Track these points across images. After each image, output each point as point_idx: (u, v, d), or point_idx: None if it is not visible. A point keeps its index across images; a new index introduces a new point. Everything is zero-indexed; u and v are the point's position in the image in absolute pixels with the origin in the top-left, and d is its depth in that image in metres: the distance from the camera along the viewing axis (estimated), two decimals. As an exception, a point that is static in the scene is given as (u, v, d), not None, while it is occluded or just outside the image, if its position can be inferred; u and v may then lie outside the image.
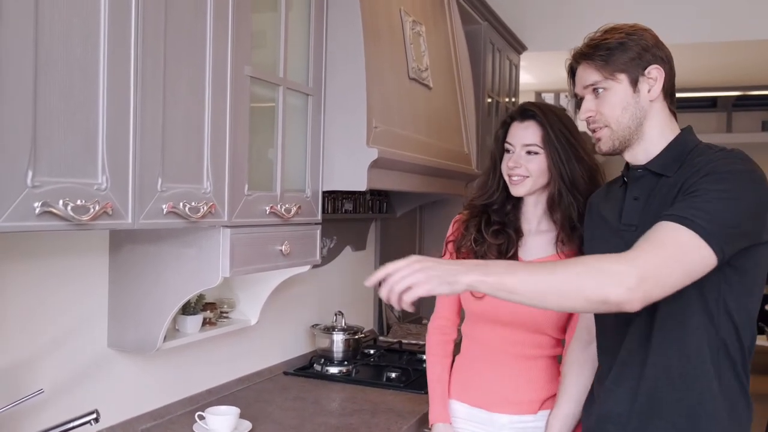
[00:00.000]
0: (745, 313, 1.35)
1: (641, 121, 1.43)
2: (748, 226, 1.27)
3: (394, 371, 2.52)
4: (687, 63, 5.91)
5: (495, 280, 1.24)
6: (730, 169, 1.29)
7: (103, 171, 1.28)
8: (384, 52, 2.23)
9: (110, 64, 1.28)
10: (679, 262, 1.24)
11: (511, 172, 1.78)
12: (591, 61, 1.44)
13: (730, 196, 1.25)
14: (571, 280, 1.24)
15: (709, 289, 1.32)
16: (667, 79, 1.43)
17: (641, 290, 1.21)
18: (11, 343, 1.54)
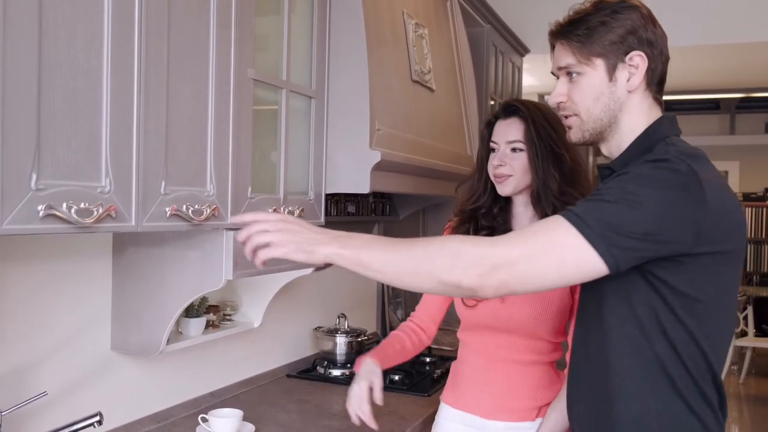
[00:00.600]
0: (687, 335, 1.17)
1: (615, 114, 1.28)
2: (655, 235, 1.11)
3: (398, 374, 2.52)
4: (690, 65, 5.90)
5: (352, 254, 1.19)
6: (649, 174, 1.14)
7: (106, 174, 1.28)
8: (387, 54, 2.23)
9: (114, 68, 1.28)
10: (548, 259, 1.13)
11: (496, 171, 1.74)
12: (567, 41, 1.28)
13: (635, 200, 1.11)
14: (427, 260, 1.16)
15: (637, 301, 1.19)
16: (652, 66, 1.27)
17: (494, 278, 1.13)
18: (15, 346, 1.55)
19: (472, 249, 1.15)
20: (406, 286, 1.21)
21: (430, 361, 2.76)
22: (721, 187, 1.17)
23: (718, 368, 1.21)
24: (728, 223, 1.16)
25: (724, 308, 1.20)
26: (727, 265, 1.18)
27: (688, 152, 1.18)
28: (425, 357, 2.82)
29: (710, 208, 1.12)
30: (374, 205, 3.04)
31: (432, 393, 2.34)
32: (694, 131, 9.16)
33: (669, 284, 1.16)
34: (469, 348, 1.83)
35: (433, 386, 2.41)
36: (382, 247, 1.20)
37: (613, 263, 1.11)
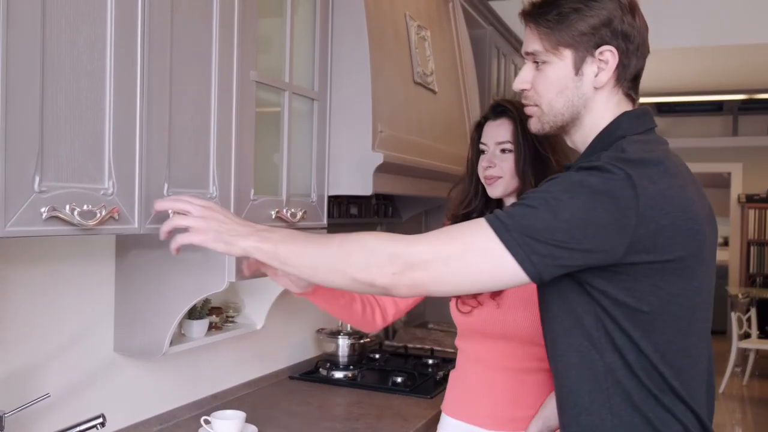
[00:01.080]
0: (634, 346, 1.11)
1: (579, 110, 1.20)
2: (576, 243, 1.04)
3: (400, 375, 2.52)
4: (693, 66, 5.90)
5: (270, 248, 1.16)
6: (577, 180, 1.07)
7: (109, 176, 1.28)
8: (389, 56, 2.23)
9: (117, 70, 1.28)
10: (463, 262, 1.09)
11: (486, 173, 1.70)
12: (536, 25, 1.19)
13: (556, 206, 1.05)
14: (342, 256, 1.13)
15: (584, 311, 1.14)
16: (625, 61, 1.18)
17: (408, 278, 1.09)
18: (18, 348, 1.55)
19: (387, 247, 1.12)
20: (321, 283, 1.18)
21: (432, 363, 2.76)
22: (669, 193, 1.07)
23: (680, 381, 1.12)
24: (673, 231, 1.06)
25: (677, 318, 1.11)
26: (674, 274, 1.09)
27: (629, 157, 1.09)
28: (428, 359, 2.82)
29: (646, 216, 1.04)
30: (377, 207, 3.04)
31: (435, 395, 2.34)
32: (696, 133, 9.15)
33: (608, 294, 1.10)
34: (467, 356, 1.78)
35: (435, 388, 2.40)
36: (300, 242, 1.17)
37: (534, 272, 1.06)
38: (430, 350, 2.97)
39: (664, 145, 1.20)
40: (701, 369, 1.17)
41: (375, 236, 1.16)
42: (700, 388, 1.17)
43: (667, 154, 1.15)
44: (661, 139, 1.21)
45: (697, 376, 1.16)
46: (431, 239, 1.13)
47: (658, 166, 1.10)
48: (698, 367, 1.16)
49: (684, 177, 1.14)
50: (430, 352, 2.96)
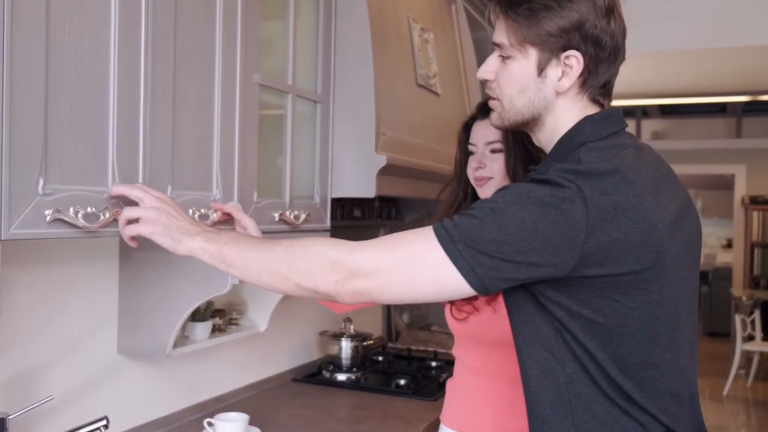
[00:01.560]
0: (591, 358, 1.07)
1: (540, 112, 1.16)
2: (522, 256, 1.01)
3: (403, 378, 2.52)
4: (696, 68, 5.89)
5: (215, 249, 1.15)
6: (525, 192, 1.04)
7: (113, 178, 1.29)
8: (392, 59, 2.24)
9: (120, 73, 1.29)
10: (407, 272, 1.06)
11: (476, 174, 1.63)
12: (505, 17, 1.14)
13: (502, 218, 1.02)
14: (286, 261, 1.11)
15: (542, 321, 1.11)
16: (591, 67, 1.11)
17: (351, 286, 1.07)
18: (22, 350, 1.55)
19: (330, 254, 1.09)
20: (265, 287, 1.16)
21: (436, 366, 2.76)
22: (623, 204, 1.02)
23: (644, 393, 1.08)
24: (626, 243, 1.02)
25: (636, 331, 1.07)
26: (630, 287, 1.04)
27: (582, 169, 1.04)
28: (431, 361, 2.82)
29: (596, 229, 1.00)
30: (380, 209, 3.04)
31: (438, 397, 2.33)
32: (700, 135, 9.15)
33: (563, 305, 1.07)
34: (465, 365, 1.72)
35: (439, 391, 2.40)
36: (245, 246, 1.16)
37: (479, 284, 1.03)
38: (433, 353, 2.97)
39: (629, 148, 1.12)
40: (672, 380, 1.11)
41: (320, 242, 1.14)
42: (674, 399, 1.11)
43: (628, 161, 1.08)
44: (626, 142, 1.13)
45: (665, 389, 1.10)
46: (376, 247, 1.10)
47: (614, 176, 1.04)
48: (666, 378, 1.10)
49: (644, 184, 1.06)
50: (433, 354, 2.95)
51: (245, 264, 1.14)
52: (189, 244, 1.17)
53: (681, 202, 1.15)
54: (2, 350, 1.51)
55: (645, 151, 1.16)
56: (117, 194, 1.24)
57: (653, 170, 1.12)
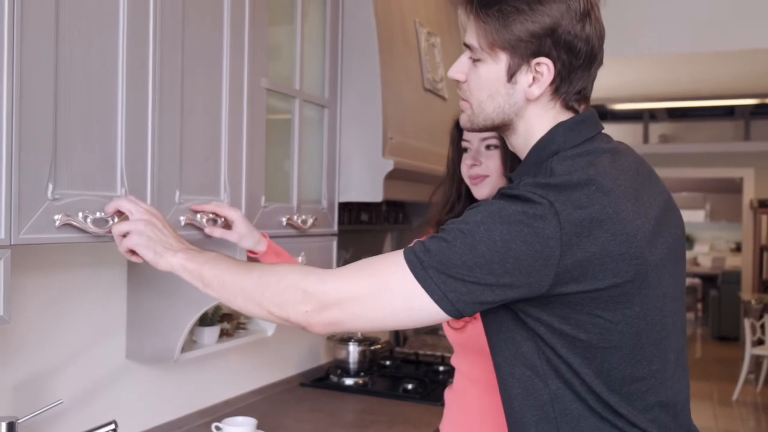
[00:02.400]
0: (575, 374, 1.04)
1: (510, 117, 1.11)
2: (495, 278, 0.98)
3: (411, 382, 2.51)
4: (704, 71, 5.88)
5: (194, 268, 1.15)
6: (495, 210, 0.99)
7: (122, 183, 1.29)
8: (399, 63, 2.24)
9: (129, 78, 1.29)
10: (378, 301, 1.03)
11: (470, 172, 1.54)
12: (475, 18, 1.09)
13: (472, 240, 0.98)
14: (260, 288, 1.10)
15: (522, 338, 1.07)
16: (563, 74, 1.07)
17: (323, 317, 1.05)
18: (31, 355, 1.56)
19: (301, 283, 1.07)
20: (241, 311, 1.15)
21: (443, 370, 2.75)
22: (599, 217, 0.98)
23: (632, 407, 1.05)
24: (603, 257, 0.98)
25: (619, 346, 1.03)
26: (611, 302, 1.01)
27: (554, 182, 1.00)
28: (439, 366, 2.81)
29: (571, 245, 0.96)
30: (387, 214, 3.04)
31: (445, 402, 2.33)
32: (708, 138, 9.11)
33: (543, 322, 1.03)
34: (464, 376, 1.65)
35: (446, 395, 2.40)
36: (224, 267, 1.15)
37: (452, 309, 1.00)
38: (440, 357, 2.96)
39: (604, 154, 1.07)
40: (661, 391, 1.08)
41: (292, 271, 1.11)
42: (663, 409, 1.09)
43: (603, 168, 1.04)
44: (600, 147, 1.09)
45: (654, 400, 1.07)
46: (345, 276, 1.07)
47: (588, 187, 1.00)
48: (654, 390, 1.07)
49: (622, 192, 1.02)
50: (440, 359, 2.95)
51: (221, 285, 1.14)
52: (170, 259, 1.18)
53: (662, 204, 1.10)
54: (11, 355, 1.51)
55: (622, 154, 1.11)
56: (112, 211, 1.25)
57: (631, 175, 1.07)
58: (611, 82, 6.06)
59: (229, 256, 1.19)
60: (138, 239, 1.20)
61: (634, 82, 6.43)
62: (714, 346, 8.84)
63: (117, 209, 1.25)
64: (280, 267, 1.14)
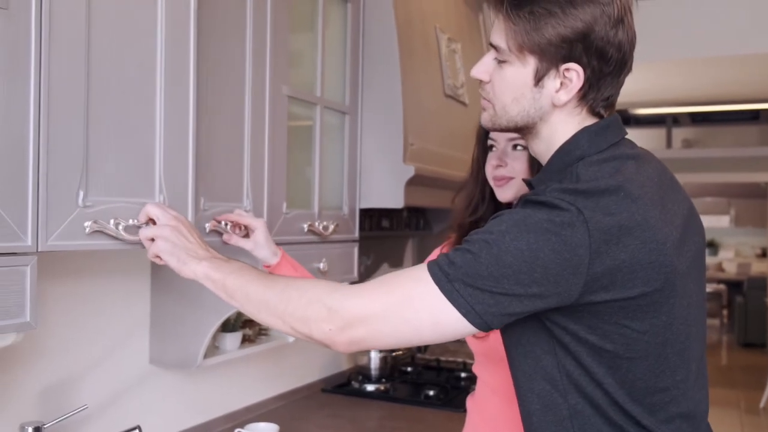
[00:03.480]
0: (598, 386, 1.01)
1: (534, 122, 1.08)
2: (524, 288, 0.95)
3: (432, 389, 2.51)
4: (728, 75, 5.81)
5: (219, 278, 1.14)
6: (521, 219, 0.97)
7: (160, 190, 1.30)
8: (420, 69, 2.24)
9: (167, 86, 1.30)
10: (402, 316, 1.00)
11: (495, 172, 1.48)
12: (505, 19, 1.04)
13: (498, 251, 0.96)
14: (282, 303, 1.08)
15: (543, 351, 1.05)
16: (592, 81, 1.04)
17: (346, 335, 1.03)
18: (57, 360, 1.58)
19: (325, 300, 1.04)
20: (264, 323, 1.13)
21: (465, 377, 2.74)
22: (628, 224, 0.96)
23: (655, 418, 1.03)
24: (633, 265, 0.96)
25: (645, 356, 1.01)
26: (639, 311, 0.99)
27: (581, 188, 0.98)
28: (460, 372, 2.80)
29: (600, 252, 0.94)
30: (408, 220, 3.04)
31: (467, 408, 2.32)
32: (732, 142, 9.01)
33: (569, 330, 1.01)
34: (486, 384, 1.61)
35: (468, 401, 2.39)
36: (248, 278, 1.13)
37: (480, 322, 0.97)
38: (462, 364, 2.95)
39: (629, 160, 1.05)
40: (682, 401, 1.06)
41: (316, 286, 1.09)
42: (684, 420, 1.07)
43: (631, 174, 1.02)
44: (626, 153, 1.06)
45: (676, 411, 1.05)
46: (368, 292, 1.04)
47: (616, 193, 0.97)
48: (677, 400, 1.05)
49: (649, 199, 1.00)
50: (462, 365, 2.94)
51: (245, 297, 1.13)
52: (194, 267, 1.17)
53: (685, 212, 1.09)
54: (37, 360, 1.53)
55: (646, 161, 1.08)
56: (144, 219, 1.26)
57: (656, 182, 1.05)
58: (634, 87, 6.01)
59: (255, 268, 1.18)
60: (163, 245, 1.20)
61: (657, 87, 6.37)
62: (740, 354, 8.71)
63: (148, 216, 1.25)
64: (304, 282, 1.12)
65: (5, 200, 1.05)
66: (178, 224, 1.22)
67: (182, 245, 1.20)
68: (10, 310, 1.07)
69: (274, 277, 1.16)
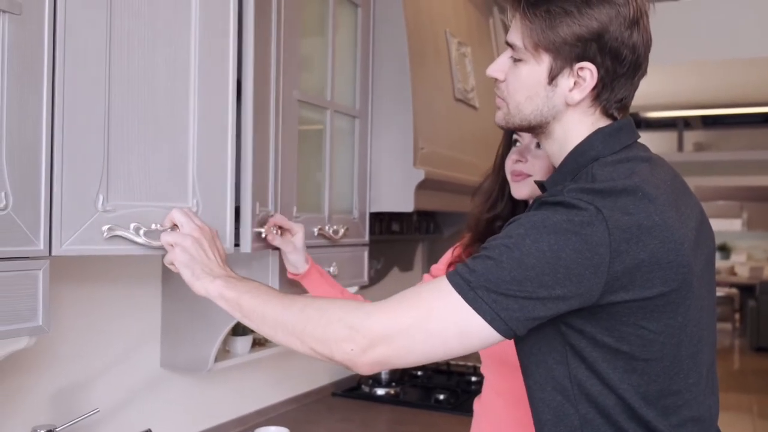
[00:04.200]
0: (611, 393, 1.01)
1: (547, 120, 1.09)
2: (547, 291, 0.94)
3: (442, 393, 2.50)
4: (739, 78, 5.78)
5: (234, 297, 1.11)
6: (539, 221, 0.96)
7: (193, 194, 1.29)
8: (430, 73, 2.24)
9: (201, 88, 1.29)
10: (427, 331, 0.98)
11: (514, 167, 1.44)
12: (522, 17, 1.06)
13: (520, 255, 0.95)
14: (301, 323, 1.05)
15: (555, 361, 1.04)
16: (606, 81, 1.04)
17: (369, 356, 1.00)
18: (69, 364, 1.59)
19: (347, 319, 1.01)
20: (280, 344, 1.10)
21: (475, 381, 2.74)
22: (647, 224, 0.96)
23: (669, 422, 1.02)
24: (652, 265, 0.96)
25: (660, 358, 1.01)
26: (656, 311, 0.99)
27: (598, 187, 0.98)
28: (471, 376, 2.79)
29: (621, 251, 0.94)
30: (418, 224, 3.04)
31: (478, 413, 2.31)
32: (743, 145, 8.96)
33: (586, 334, 1.00)
34: (492, 387, 1.60)
35: (479, 406, 2.38)
36: (264, 298, 1.10)
37: (506, 329, 0.96)
38: (472, 367, 2.95)
39: (643, 162, 1.05)
40: (694, 405, 1.06)
41: (336, 305, 1.06)
42: (696, 424, 1.07)
43: (646, 176, 1.02)
44: (640, 155, 1.07)
45: (688, 415, 1.05)
46: (389, 309, 1.02)
47: (634, 193, 0.98)
48: (688, 404, 1.05)
49: (665, 200, 1.00)
50: (472, 369, 2.93)
51: (261, 318, 1.10)
52: (207, 285, 1.14)
53: (698, 216, 1.09)
54: (50, 364, 1.54)
55: (659, 164, 1.09)
56: (169, 224, 1.24)
57: (670, 185, 1.05)
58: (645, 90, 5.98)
59: (271, 287, 1.15)
60: (181, 255, 1.18)
61: (668, 90, 6.35)
62: (752, 358, 8.64)
63: (172, 221, 1.23)
64: (323, 301, 1.10)
65: (18, 205, 1.05)
66: (200, 236, 1.20)
67: (200, 259, 1.17)
68: (22, 313, 1.07)
69: (292, 296, 1.12)
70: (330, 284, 1.64)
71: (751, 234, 12.97)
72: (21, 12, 1.04)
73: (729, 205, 12.71)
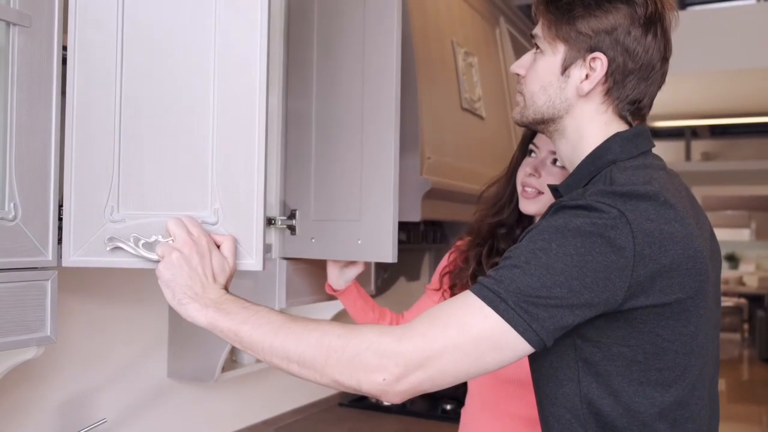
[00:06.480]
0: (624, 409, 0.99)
1: (560, 114, 1.09)
2: (576, 297, 0.92)
3: (450, 403, 2.49)
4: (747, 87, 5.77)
5: (229, 327, 1.01)
6: (562, 225, 0.94)
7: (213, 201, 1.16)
8: (436, 83, 2.25)
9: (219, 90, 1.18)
10: (462, 349, 0.94)
11: (526, 180, 1.40)
12: (545, 9, 1.09)
13: (547, 260, 0.93)
14: (322, 355, 0.96)
15: (565, 377, 1.03)
16: (617, 77, 1.05)
17: (405, 383, 0.94)
18: (76, 374, 1.59)
19: (376, 346, 0.94)
20: (294, 375, 1.00)
21: (482, 391, 2.72)
22: (668, 229, 0.96)
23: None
24: (673, 271, 0.96)
25: (671, 367, 1.00)
26: (671, 319, 0.98)
27: (619, 190, 0.97)
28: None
29: (644, 255, 0.93)
30: (425, 233, 3.04)
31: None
32: (751, 155, 8.93)
33: (602, 345, 0.98)
34: (477, 398, 1.57)
35: (486, 416, 2.37)
36: (269, 329, 1.00)
37: (537, 340, 0.93)
38: (479, 378, 2.94)
39: (660, 170, 1.06)
40: (697, 419, 1.05)
41: (361, 333, 0.98)
42: None
43: (664, 183, 1.02)
44: (657, 164, 1.08)
45: (693, 428, 1.04)
46: (422, 332, 0.95)
47: (655, 199, 0.97)
48: (693, 417, 1.04)
49: (683, 207, 1.01)
50: (479, 379, 2.92)
51: (269, 351, 1.00)
52: (193, 314, 1.03)
53: (710, 229, 1.11)
54: (57, 374, 1.54)
55: (673, 175, 1.10)
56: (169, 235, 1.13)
57: (684, 194, 1.07)
58: (651, 99, 5.98)
59: (272, 310, 1.05)
60: (164, 272, 1.05)
61: (676, 99, 6.34)
62: (761, 368, 8.58)
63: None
64: (342, 328, 0.99)
65: (27, 216, 1.06)
66: (191, 251, 1.06)
67: (183, 282, 1.04)
68: (30, 324, 1.08)
69: (302, 323, 1.01)
70: (364, 299, 1.60)
71: (760, 244, 12.91)
72: (30, 24, 1.05)
73: (737, 214, 12.66)
